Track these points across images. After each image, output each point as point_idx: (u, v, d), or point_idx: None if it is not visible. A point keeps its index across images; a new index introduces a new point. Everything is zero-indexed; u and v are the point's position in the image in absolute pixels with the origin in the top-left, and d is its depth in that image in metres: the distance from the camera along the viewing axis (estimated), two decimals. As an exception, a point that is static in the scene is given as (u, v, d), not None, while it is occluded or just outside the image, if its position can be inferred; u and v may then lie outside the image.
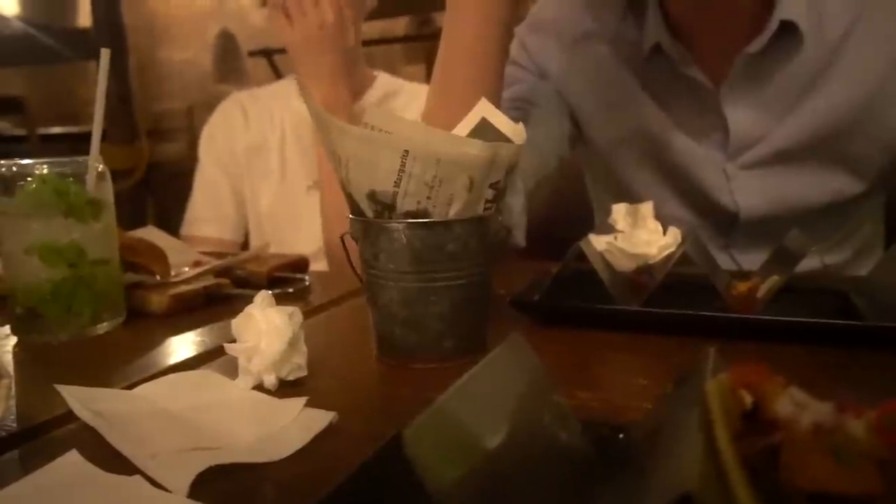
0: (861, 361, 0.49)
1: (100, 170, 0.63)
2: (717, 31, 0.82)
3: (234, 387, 0.47)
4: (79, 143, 0.65)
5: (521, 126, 0.53)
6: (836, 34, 0.79)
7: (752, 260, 0.85)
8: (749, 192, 0.87)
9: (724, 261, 0.91)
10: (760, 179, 0.86)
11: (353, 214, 0.52)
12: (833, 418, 0.24)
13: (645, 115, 0.89)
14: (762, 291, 0.58)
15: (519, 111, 0.90)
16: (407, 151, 0.47)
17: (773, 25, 0.77)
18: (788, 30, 0.77)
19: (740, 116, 0.84)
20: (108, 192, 0.64)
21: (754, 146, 0.85)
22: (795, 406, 0.25)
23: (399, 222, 0.49)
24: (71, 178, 0.61)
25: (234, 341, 0.48)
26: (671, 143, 0.89)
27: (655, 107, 0.89)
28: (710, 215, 0.90)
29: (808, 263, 0.61)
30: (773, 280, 0.59)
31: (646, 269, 0.61)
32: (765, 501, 0.23)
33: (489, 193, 0.50)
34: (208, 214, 1.32)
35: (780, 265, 0.62)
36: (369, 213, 0.50)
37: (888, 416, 0.24)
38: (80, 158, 0.62)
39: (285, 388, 0.47)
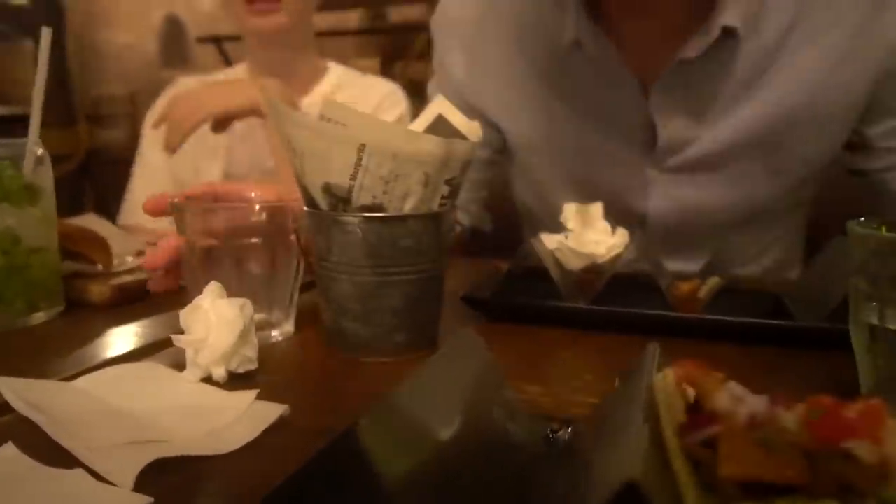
0: (791, 359, 0.52)
1: (39, 154, 0.60)
2: (648, 30, 0.78)
3: (181, 379, 0.46)
4: (8, 126, 0.62)
5: (476, 124, 0.53)
6: (773, 37, 0.76)
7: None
8: (662, 197, 0.84)
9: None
10: (677, 185, 0.83)
11: (307, 207, 0.52)
12: (767, 411, 0.26)
13: (559, 116, 0.84)
14: (703, 292, 0.61)
15: None
16: (364, 145, 0.47)
17: (714, 31, 0.73)
18: (726, 34, 0.74)
19: (670, 121, 0.80)
20: (47, 178, 0.61)
21: (682, 150, 0.82)
22: (733, 400, 0.26)
23: (354, 216, 0.49)
24: (6, 161, 0.59)
25: (181, 333, 0.47)
26: (587, 145, 0.85)
27: (573, 107, 0.83)
28: (618, 220, 0.88)
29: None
30: (714, 281, 0.62)
31: (594, 269, 0.63)
32: (703, 490, 0.25)
33: (445, 189, 0.51)
34: None
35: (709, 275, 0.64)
36: (324, 206, 0.50)
37: (814, 409, 0.26)
38: (18, 140, 0.60)
39: (235, 381, 0.46)
